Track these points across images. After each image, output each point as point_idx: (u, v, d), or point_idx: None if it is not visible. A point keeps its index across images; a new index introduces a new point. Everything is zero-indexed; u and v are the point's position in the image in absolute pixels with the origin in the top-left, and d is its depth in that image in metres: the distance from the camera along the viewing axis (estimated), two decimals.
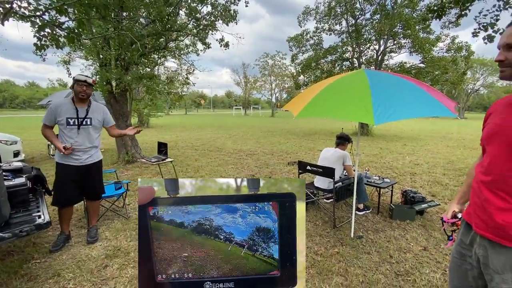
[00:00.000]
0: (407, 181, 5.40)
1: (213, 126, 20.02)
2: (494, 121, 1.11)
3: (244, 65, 50.04)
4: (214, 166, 6.50)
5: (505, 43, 1.00)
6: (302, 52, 15.68)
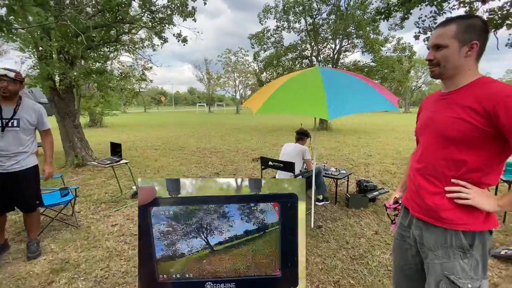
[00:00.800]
0: (361, 171, 5.82)
1: (175, 124, 19.29)
2: (425, 115, 1.23)
3: (206, 61, 48.76)
4: (176, 166, 6.27)
5: (434, 43, 1.09)
6: (264, 50, 15.87)
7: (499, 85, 0.99)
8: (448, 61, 1.07)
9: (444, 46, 1.06)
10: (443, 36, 1.06)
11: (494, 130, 0.96)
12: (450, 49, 1.05)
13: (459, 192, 1.05)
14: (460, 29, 1.04)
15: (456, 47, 1.05)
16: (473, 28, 1.04)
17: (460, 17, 1.07)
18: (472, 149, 1.02)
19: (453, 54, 1.06)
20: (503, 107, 0.92)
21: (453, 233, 1.08)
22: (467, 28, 1.04)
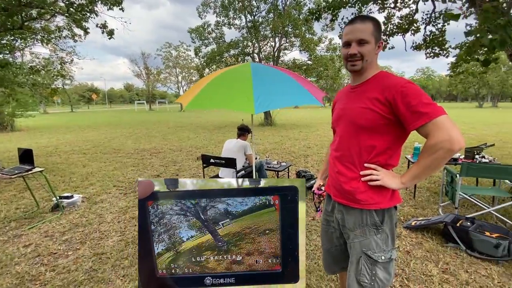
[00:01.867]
0: (301, 163, 6.19)
1: (109, 124, 17.41)
2: (339, 107, 1.34)
3: (144, 55, 45.15)
4: (109, 171, 5.65)
5: (358, 38, 1.12)
6: (205, 45, 15.46)
7: (396, 78, 1.14)
8: (369, 56, 1.16)
9: (367, 41, 1.13)
10: (365, 32, 1.13)
11: (394, 117, 1.10)
12: (371, 45, 1.15)
13: (371, 175, 1.17)
14: (375, 27, 1.15)
15: (373, 43, 1.15)
16: (380, 29, 1.18)
17: (372, 18, 1.18)
18: (379, 135, 1.15)
19: (372, 50, 1.16)
20: (400, 96, 1.05)
21: (367, 212, 1.20)
22: (378, 27, 1.17)
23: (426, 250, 2.60)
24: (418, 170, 1.09)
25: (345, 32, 1.19)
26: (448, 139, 0.97)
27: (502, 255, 2.37)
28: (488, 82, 44.30)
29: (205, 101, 2.23)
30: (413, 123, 1.04)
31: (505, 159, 6.32)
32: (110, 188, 4.54)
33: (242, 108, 2.21)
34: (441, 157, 1.01)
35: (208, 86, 2.28)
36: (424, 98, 1.04)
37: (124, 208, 3.67)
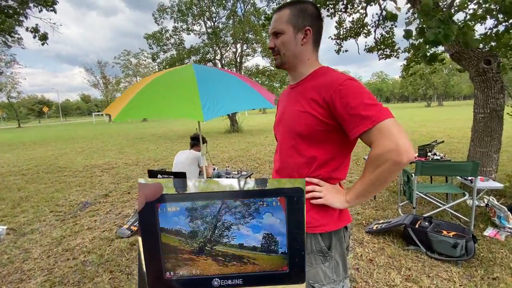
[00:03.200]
0: (266, 169, 6.01)
1: (61, 139, 15.77)
2: (279, 110, 1.13)
3: (100, 63, 42.33)
4: (49, 194, 4.92)
5: (272, 29, 1.00)
6: (163, 51, 14.80)
7: (335, 73, 0.95)
8: (287, 48, 0.99)
9: (281, 31, 0.98)
10: (279, 21, 0.98)
11: (334, 121, 0.91)
12: (287, 35, 0.97)
13: (312, 192, 0.97)
14: (292, 13, 0.97)
15: (291, 33, 0.97)
16: (305, 13, 0.98)
17: (292, 2, 1.00)
18: (318, 144, 0.95)
19: (290, 41, 0.98)
20: (338, 95, 0.86)
21: (312, 237, 0.99)
22: (299, 12, 0.97)
23: (388, 256, 2.51)
24: (362, 186, 0.90)
25: None
26: (395, 148, 0.78)
27: (460, 254, 2.36)
28: (433, 83, 49.20)
29: (140, 110, 1.89)
30: (354, 129, 0.85)
31: (453, 154, 6.78)
32: (46, 215, 3.89)
33: (188, 114, 1.90)
34: (388, 171, 0.82)
35: (143, 92, 1.95)
36: (366, 98, 0.85)
37: (57, 239, 3.12)
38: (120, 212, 3.89)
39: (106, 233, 3.24)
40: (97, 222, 3.57)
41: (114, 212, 3.93)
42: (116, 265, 2.54)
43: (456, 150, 7.32)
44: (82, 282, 2.30)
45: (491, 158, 3.66)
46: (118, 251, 2.79)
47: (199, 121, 1.95)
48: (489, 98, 3.49)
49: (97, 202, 4.36)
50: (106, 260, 2.62)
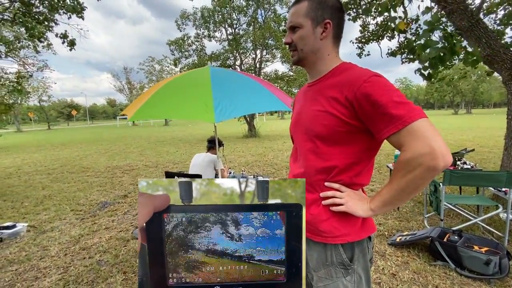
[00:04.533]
0: (282, 175, 5.90)
1: (87, 141, 16.58)
2: (296, 110, 1.07)
3: (126, 69, 44.40)
4: (71, 193, 5.12)
5: (289, 24, 0.94)
6: (185, 57, 15.23)
7: (359, 69, 0.86)
8: (305, 43, 0.92)
9: (299, 26, 0.91)
10: (296, 15, 0.92)
11: (358, 122, 0.83)
12: (305, 29, 0.91)
13: (333, 198, 0.89)
14: (311, 5, 0.91)
15: (310, 26, 0.91)
16: (325, 4, 0.91)
17: None
18: (340, 146, 0.88)
19: (309, 35, 0.91)
20: (363, 93, 0.78)
21: (332, 248, 0.91)
22: (318, 4, 0.91)
23: (413, 271, 2.32)
24: (391, 193, 0.81)
25: None
26: (429, 151, 0.69)
27: (493, 272, 2.13)
28: (461, 90, 46.73)
29: (154, 110, 1.91)
30: (383, 129, 0.77)
31: (483, 163, 6.31)
32: (66, 213, 4.04)
33: (199, 116, 1.90)
34: (420, 177, 0.73)
35: (158, 93, 1.96)
36: (396, 96, 0.77)
37: (76, 237, 3.20)
38: (137, 213, 3.95)
39: (123, 233, 3.29)
40: (115, 222, 3.64)
41: (131, 213, 4.00)
42: (130, 266, 2.55)
43: (487, 159, 6.81)
44: (96, 282, 2.32)
45: None
46: (133, 252, 2.81)
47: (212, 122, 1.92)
48: None
49: (116, 203, 4.47)
50: (121, 261, 2.64)
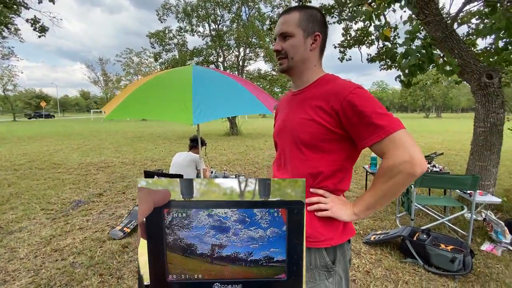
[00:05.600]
0: (264, 174, 5.95)
1: (57, 135, 15.62)
2: (280, 117, 1.10)
3: (102, 60, 42.24)
4: (41, 190, 4.82)
5: (280, 31, 0.96)
6: (166, 51, 14.79)
7: (343, 81, 0.92)
8: (296, 51, 0.95)
9: (291, 34, 0.94)
10: (288, 24, 0.94)
11: (342, 131, 0.88)
12: (296, 39, 0.94)
13: (318, 203, 0.94)
14: (303, 17, 0.94)
15: (301, 36, 0.95)
16: (315, 18, 0.96)
17: (301, 6, 0.98)
18: (325, 154, 0.92)
19: (300, 45, 0.95)
20: (349, 103, 0.84)
21: (316, 252, 0.96)
22: (309, 17, 0.95)
23: (385, 268, 2.46)
24: (373, 198, 0.88)
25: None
26: (408, 160, 0.77)
27: (457, 269, 2.32)
28: (432, 95, 49.65)
29: (132, 109, 1.84)
30: (366, 138, 0.83)
31: (451, 166, 6.79)
32: (36, 213, 3.81)
33: (177, 118, 1.87)
34: (401, 183, 0.81)
35: (138, 92, 1.90)
36: (378, 107, 0.83)
37: (47, 238, 3.03)
38: (113, 213, 3.82)
39: (98, 233, 3.17)
40: (90, 222, 3.49)
41: (107, 212, 3.86)
42: (106, 268, 2.47)
43: (454, 162, 7.33)
44: (70, 285, 2.23)
45: (489, 172, 3.65)
46: (110, 253, 2.72)
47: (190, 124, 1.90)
48: (490, 112, 3.49)
49: (91, 201, 4.28)
50: (96, 263, 2.55)
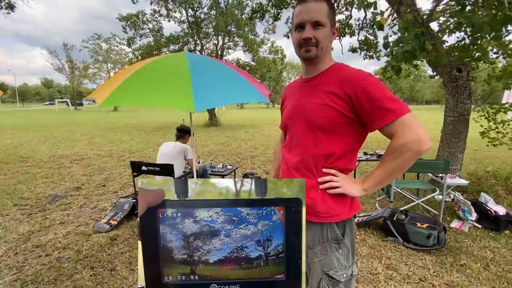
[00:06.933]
0: (248, 164, 6.01)
1: (19, 127, 14.35)
2: (291, 102, 1.13)
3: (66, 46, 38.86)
4: (10, 185, 4.47)
5: (314, 19, 0.93)
6: (140, 36, 14.02)
7: (354, 69, 0.99)
8: (325, 42, 0.98)
9: (323, 24, 0.95)
10: (320, 13, 0.95)
11: (354, 115, 0.95)
12: (326, 29, 0.97)
13: (330, 181, 1.00)
14: (330, 9, 0.98)
15: (329, 28, 0.98)
16: (335, 12, 1.02)
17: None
18: (338, 136, 0.99)
19: (328, 36, 0.99)
20: (362, 89, 0.90)
21: (328, 226, 1.03)
22: (333, 10, 0.99)
23: (370, 247, 2.66)
24: (383, 174, 0.96)
25: (297, 12, 0.98)
26: (416, 139, 0.86)
27: (432, 244, 2.57)
28: (401, 88, 52.50)
29: (129, 96, 1.78)
30: (377, 121, 0.91)
31: None
32: (9, 208, 3.54)
33: (179, 105, 1.84)
34: (408, 159, 0.89)
35: (134, 78, 1.83)
36: (388, 93, 0.91)
37: (25, 235, 2.86)
38: (95, 206, 3.67)
39: (82, 227, 3.04)
40: (71, 217, 3.33)
41: (88, 205, 3.69)
42: (97, 260, 2.40)
43: None
44: (60, 280, 2.14)
45: (456, 157, 4.01)
46: (98, 246, 2.64)
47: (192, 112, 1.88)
48: (459, 103, 3.81)
49: (68, 195, 4.06)
50: (85, 256, 2.46)
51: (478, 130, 4.40)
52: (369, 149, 6.17)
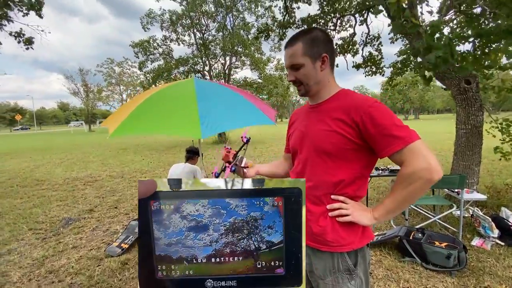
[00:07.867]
0: None
1: (36, 150, 14.91)
2: (299, 128, 1.15)
3: (82, 71, 40.93)
4: (26, 209, 4.59)
5: (289, 64, 1.03)
6: (151, 60, 14.66)
7: (360, 96, 1.00)
8: (309, 78, 1.03)
9: (300, 65, 1.02)
10: (294, 56, 1.02)
11: (362, 141, 0.95)
12: (307, 67, 1.02)
13: (339, 209, 0.99)
14: (306, 45, 1.01)
15: (310, 63, 1.01)
16: (318, 41, 1.02)
17: (302, 32, 1.04)
18: (346, 163, 0.98)
19: (311, 71, 1.02)
20: (369, 117, 0.91)
21: (339, 256, 1.00)
22: (312, 42, 1.01)
23: (386, 268, 2.55)
24: (394, 203, 0.94)
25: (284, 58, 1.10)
26: (427, 167, 0.84)
27: (453, 265, 2.44)
28: (410, 98, 51.99)
29: (139, 125, 1.84)
30: (386, 148, 0.90)
31: None
32: (24, 233, 3.62)
33: (186, 132, 1.90)
34: (419, 188, 0.87)
35: (142, 107, 1.90)
36: (396, 120, 0.91)
37: (39, 260, 2.90)
38: (107, 229, 3.70)
39: (94, 251, 3.06)
40: (83, 240, 3.37)
41: (101, 228, 3.73)
42: (108, 286, 2.39)
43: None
44: None
45: (472, 171, 3.87)
46: (109, 271, 2.64)
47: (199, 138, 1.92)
48: (470, 115, 3.73)
49: (82, 218, 4.13)
50: (96, 282, 2.46)
51: (492, 140, 4.26)
52: (380, 164, 6.05)
